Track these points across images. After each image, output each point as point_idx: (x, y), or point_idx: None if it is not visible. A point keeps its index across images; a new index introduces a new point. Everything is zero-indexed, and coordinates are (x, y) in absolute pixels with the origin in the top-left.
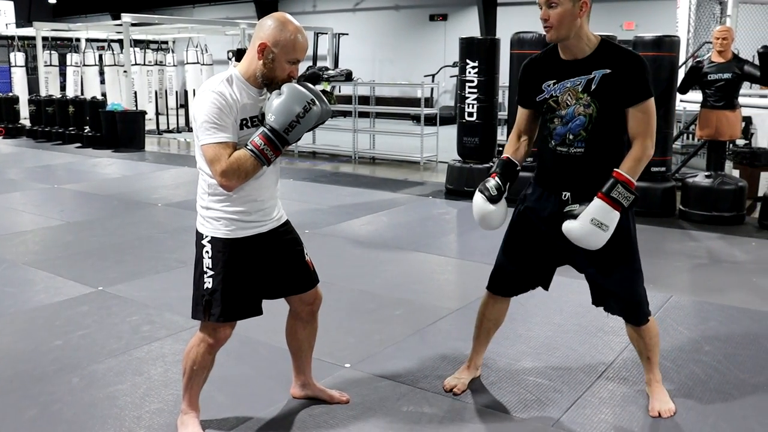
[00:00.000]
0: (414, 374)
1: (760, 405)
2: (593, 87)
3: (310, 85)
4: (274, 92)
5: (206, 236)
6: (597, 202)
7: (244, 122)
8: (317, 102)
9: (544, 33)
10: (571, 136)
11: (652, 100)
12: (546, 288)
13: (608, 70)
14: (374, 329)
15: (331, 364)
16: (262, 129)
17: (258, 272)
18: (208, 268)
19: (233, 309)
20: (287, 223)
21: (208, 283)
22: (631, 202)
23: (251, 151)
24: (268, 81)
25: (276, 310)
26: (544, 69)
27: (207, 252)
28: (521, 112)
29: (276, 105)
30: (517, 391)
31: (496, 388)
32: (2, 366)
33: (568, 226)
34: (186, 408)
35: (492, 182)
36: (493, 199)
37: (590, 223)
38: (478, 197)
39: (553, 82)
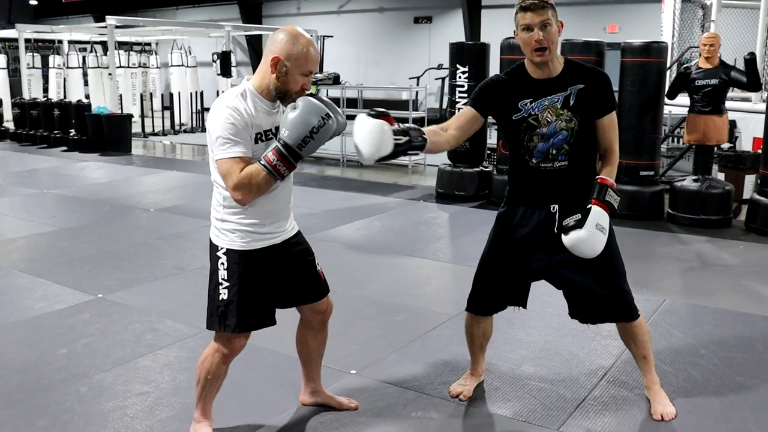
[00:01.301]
0: (419, 380)
1: (757, 407)
2: (572, 102)
3: (327, 99)
4: (289, 106)
5: (221, 248)
6: (596, 209)
7: (259, 136)
8: (333, 116)
9: (535, 56)
10: (554, 151)
11: (615, 113)
12: (524, 306)
13: (582, 85)
14: (376, 335)
15: (337, 371)
16: (275, 144)
17: (272, 283)
18: (223, 279)
19: (249, 320)
20: (299, 233)
21: (224, 294)
22: (619, 204)
23: (264, 166)
24: (281, 94)
25: (283, 317)
26: (516, 88)
27: (222, 264)
28: (465, 113)
29: (291, 119)
30: (521, 396)
31: (500, 394)
32: (8, 376)
33: (576, 236)
34: (199, 417)
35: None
36: (374, 115)
37: (596, 228)
38: (366, 118)
39: (529, 101)
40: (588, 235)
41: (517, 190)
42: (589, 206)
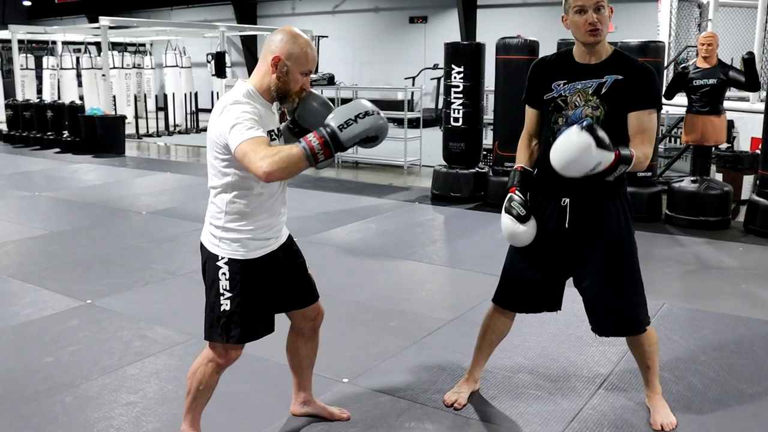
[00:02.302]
0: (413, 389)
1: (759, 415)
2: (604, 90)
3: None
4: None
5: (222, 257)
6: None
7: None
8: (380, 114)
9: (588, 36)
10: None
11: (655, 114)
12: (558, 308)
13: (620, 77)
14: (370, 342)
15: (329, 379)
16: (318, 128)
17: (271, 290)
18: (225, 290)
19: (251, 330)
20: (290, 237)
21: (226, 305)
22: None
23: (303, 147)
24: (282, 94)
25: (276, 324)
26: (555, 69)
27: (224, 274)
28: (530, 113)
29: (338, 108)
30: (518, 405)
31: (496, 402)
32: None
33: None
34: (187, 428)
35: (516, 200)
36: (521, 218)
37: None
38: (507, 219)
39: (563, 82)
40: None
41: (538, 176)
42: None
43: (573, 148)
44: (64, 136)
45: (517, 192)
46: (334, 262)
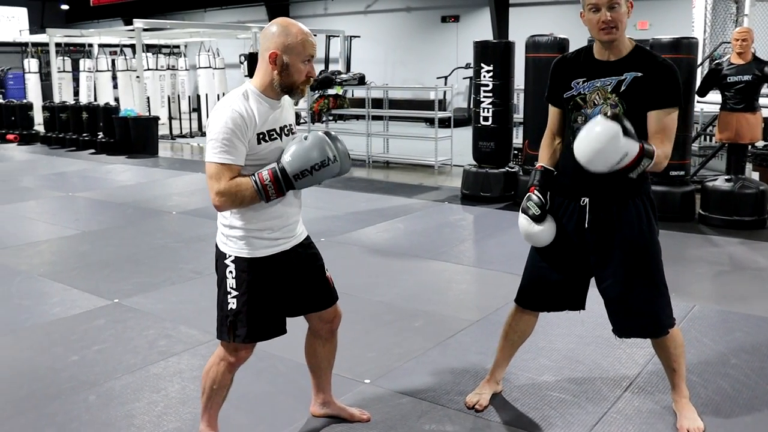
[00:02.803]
0: (435, 390)
1: None
2: (623, 88)
3: (340, 143)
4: (299, 135)
5: (229, 256)
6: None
7: (261, 136)
8: (338, 160)
9: (602, 34)
10: None
11: (676, 113)
12: (582, 308)
13: (640, 74)
14: (393, 342)
15: (350, 380)
16: (273, 166)
17: (282, 291)
18: (232, 288)
19: (259, 330)
20: (308, 238)
21: (233, 303)
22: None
23: (255, 183)
24: (288, 87)
25: (296, 323)
26: (575, 67)
27: (231, 272)
28: (552, 112)
29: (296, 149)
30: (540, 408)
31: (519, 405)
32: (19, 383)
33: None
34: (205, 428)
35: (534, 199)
36: (537, 218)
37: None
38: (523, 219)
39: (583, 80)
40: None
41: (558, 175)
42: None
43: (599, 138)
44: (99, 137)
45: (535, 192)
46: (361, 262)
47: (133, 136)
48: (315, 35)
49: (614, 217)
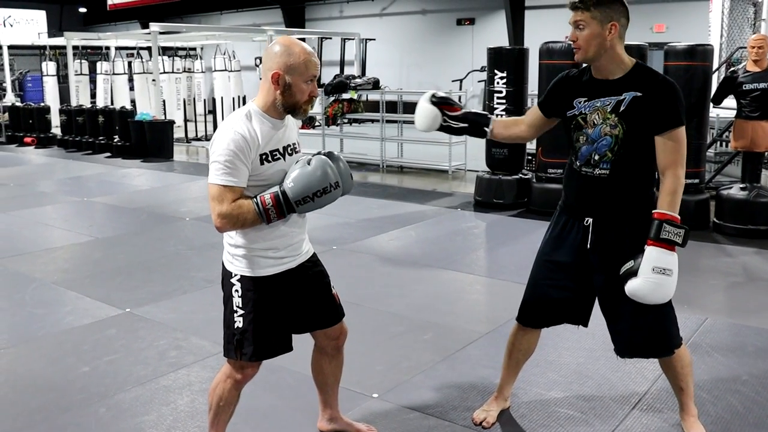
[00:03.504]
0: (443, 405)
1: None
2: (622, 108)
3: (342, 163)
4: (302, 158)
5: (235, 275)
6: (651, 251)
7: (264, 157)
8: (341, 185)
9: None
10: (596, 157)
11: (683, 129)
12: (584, 324)
13: (639, 93)
14: (402, 355)
15: (358, 394)
16: (276, 189)
17: (288, 308)
18: (238, 307)
19: (265, 348)
20: (314, 255)
21: (239, 322)
22: (684, 237)
23: (256, 205)
24: (290, 107)
25: (303, 336)
26: (577, 85)
27: (237, 291)
28: (534, 111)
29: (298, 174)
30: (548, 425)
31: (526, 421)
32: (31, 395)
33: (632, 286)
34: None
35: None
36: (434, 100)
37: (653, 272)
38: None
39: (584, 99)
40: (645, 284)
41: (563, 194)
42: (645, 248)
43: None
44: (115, 140)
45: (469, 118)
46: (372, 271)
47: (149, 140)
48: (330, 38)
49: (618, 239)
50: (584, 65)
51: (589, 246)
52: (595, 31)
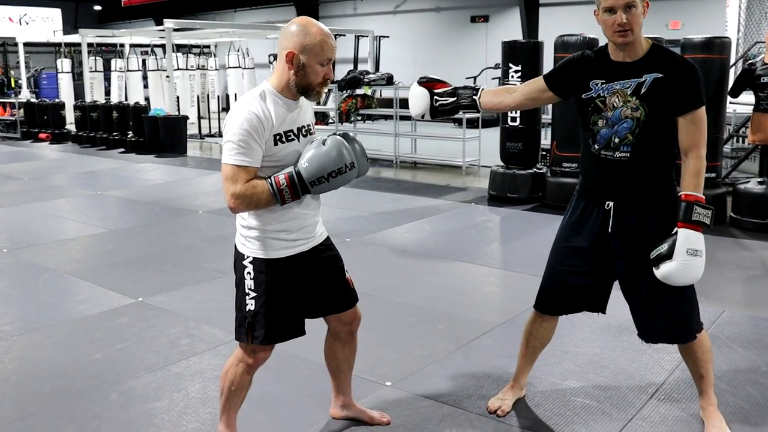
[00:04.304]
0: (457, 394)
1: None
2: (643, 90)
3: (358, 144)
4: (318, 138)
5: (247, 257)
6: (684, 233)
7: (278, 137)
8: (356, 165)
9: (617, 37)
10: (616, 140)
11: (703, 109)
12: (602, 311)
13: (660, 75)
14: (416, 344)
15: (372, 382)
16: (290, 170)
17: (300, 292)
18: (250, 289)
19: (277, 331)
20: (328, 239)
21: (251, 305)
22: (712, 218)
23: (270, 186)
24: (303, 89)
25: (316, 323)
26: (593, 68)
27: (249, 273)
28: (537, 81)
29: (313, 154)
30: (564, 414)
31: (541, 410)
32: (42, 381)
33: (667, 269)
34: (223, 429)
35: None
36: (423, 82)
37: (687, 254)
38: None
39: (601, 82)
40: (680, 266)
41: (581, 179)
42: (675, 230)
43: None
44: (129, 136)
45: (459, 91)
46: (386, 263)
47: (163, 136)
48: (344, 35)
49: (640, 222)
50: (599, 47)
51: (610, 230)
52: (640, 10)
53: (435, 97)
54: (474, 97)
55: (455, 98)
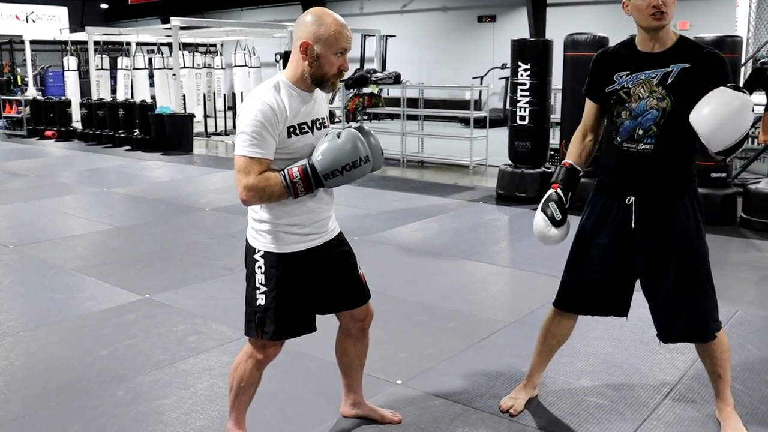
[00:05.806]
0: (468, 393)
1: None
2: (670, 80)
3: (373, 138)
4: (332, 131)
5: (259, 250)
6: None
7: (292, 129)
8: (371, 159)
9: (652, 20)
10: (640, 131)
11: None
12: (625, 315)
13: (687, 65)
14: (426, 343)
15: (382, 381)
16: (304, 162)
17: (312, 287)
18: (260, 284)
19: (287, 327)
20: (341, 234)
21: (261, 299)
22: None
23: (284, 178)
24: (318, 79)
25: (326, 321)
26: (617, 60)
27: (260, 267)
28: (589, 107)
29: (327, 147)
30: (577, 413)
31: (554, 410)
32: (48, 377)
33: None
34: (232, 426)
35: (554, 199)
36: (555, 222)
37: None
38: (540, 219)
39: (626, 73)
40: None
41: (601, 174)
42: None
43: (734, 103)
44: (135, 134)
45: (558, 190)
46: (394, 262)
47: (169, 133)
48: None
49: (662, 218)
50: (622, 41)
51: (633, 225)
52: None
53: (550, 214)
54: (578, 175)
55: (568, 201)
